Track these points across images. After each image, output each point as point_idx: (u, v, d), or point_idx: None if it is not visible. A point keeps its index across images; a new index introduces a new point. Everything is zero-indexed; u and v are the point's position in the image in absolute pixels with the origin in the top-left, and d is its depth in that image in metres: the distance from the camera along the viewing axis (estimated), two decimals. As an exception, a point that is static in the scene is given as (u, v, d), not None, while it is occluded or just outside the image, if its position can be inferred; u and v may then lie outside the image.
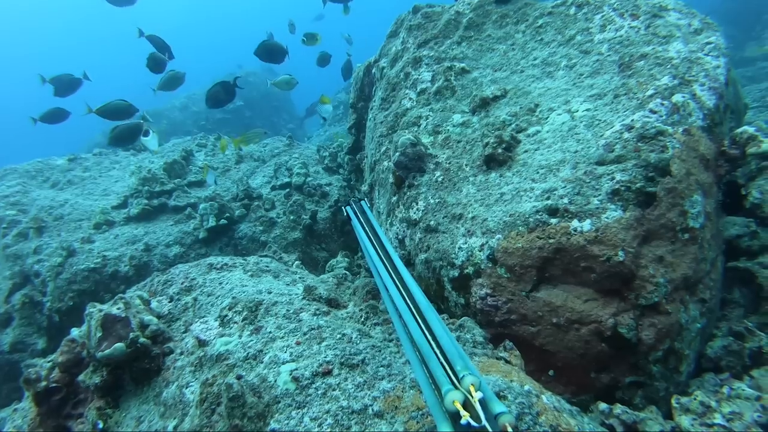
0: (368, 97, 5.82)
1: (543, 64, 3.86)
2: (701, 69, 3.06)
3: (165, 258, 5.28)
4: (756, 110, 9.82)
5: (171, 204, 6.01)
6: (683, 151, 2.66)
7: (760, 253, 3.49)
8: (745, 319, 3.20)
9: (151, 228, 5.66)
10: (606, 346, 2.48)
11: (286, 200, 5.99)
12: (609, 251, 2.40)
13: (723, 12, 17.62)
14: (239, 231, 5.56)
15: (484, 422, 1.21)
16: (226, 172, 7.06)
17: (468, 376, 1.34)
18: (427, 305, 1.73)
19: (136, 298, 2.53)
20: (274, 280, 2.87)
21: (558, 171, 2.84)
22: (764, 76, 13.29)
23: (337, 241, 5.97)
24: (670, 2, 3.65)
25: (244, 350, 2.02)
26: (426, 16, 4.92)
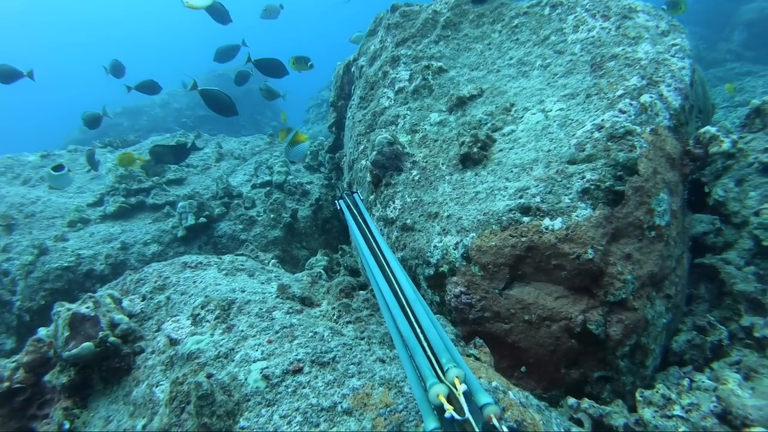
0: (348, 95, 5.82)
1: (519, 64, 3.91)
2: (668, 70, 3.13)
3: (142, 256, 5.22)
4: (725, 110, 10.05)
5: (149, 202, 5.94)
6: (650, 150, 2.73)
7: (723, 250, 3.59)
8: (709, 313, 3.30)
9: (128, 226, 5.59)
10: (576, 342, 2.54)
11: (266, 198, 5.97)
12: (579, 249, 2.45)
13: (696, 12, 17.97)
14: (219, 229, 5.53)
15: (467, 415, 1.21)
16: (206, 170, 7.01)
17: (453, 369, 1.35)
18: (415, 298, 1.76)
19: (107, 296, 2.51)
20: (249, 278, 2.88)
21: (531, 170, 2.88)
22: (734, 76, 13.59)
23: (318, 239, 5.97)
24: (639, 4, 3.73)
25: (216, 349, 2.02)
26: (404, 14, 4.94)
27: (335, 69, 6.34)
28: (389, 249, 2.24)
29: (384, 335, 2.22)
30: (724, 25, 16.27)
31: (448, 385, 1.31)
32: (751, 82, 12.49)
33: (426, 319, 1.63)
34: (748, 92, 11.51)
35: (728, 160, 3.69)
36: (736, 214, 3.58)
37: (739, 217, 3.57)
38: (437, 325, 1.62)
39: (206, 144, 7.76)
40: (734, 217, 3.59)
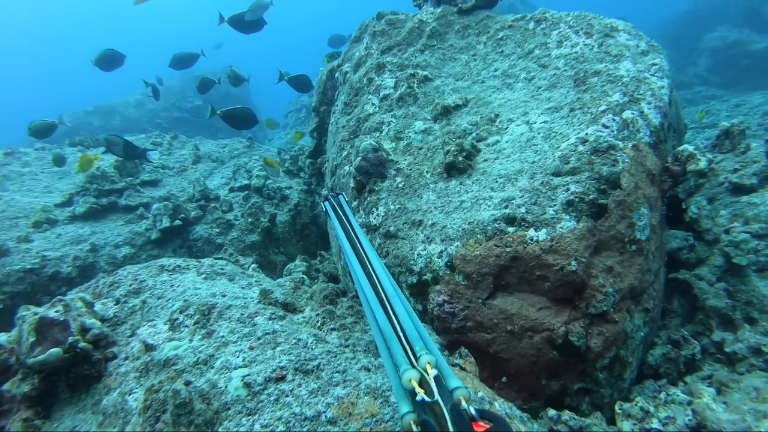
0: (331, 100, 5.79)
1: (503, 76, 3.95)
2: (648, 88, 3.21)
3: (113, 259, 5.05)
4: (693, 131, 10.42)
5: (122, 203, 5.76)
6: (632, 165, 2.78)
7: (696, 266, 3.69)
8: (683, 328, 3.37)
9: (99, 228, 5.40)
10: (557, 354, 2.55)
11: (244, 202, 5.87)
12: (563, 261, 2.47)
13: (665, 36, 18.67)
14: (194, 232, 5.40)
15: (436, 397, 1.29)
16: (182, 171, 6.86)
17: (425, 356, 1.45)
18: (393, 292, 1.85)
19: (78, 300, 2.39)
20: (229, 283, 2.80)
21: (516, 180, 2.90)
22: (701, 99, 14.16)
23: (296, 245, 5.90)
24: (620, 23, 3.83)
25: (195, 355, 1.95)
26: (390, 22, 4.95)
27: (318, 74, 6.30)
28: (371, 247, 2.32)
29: (369, 343, 2.19)
30: (691, 51, 16.95)
31: (420, 371, 1.40)
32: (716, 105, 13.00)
33: (402, 311, 1.72)
34: (713, 114, 11.96)
35: (700, 179, 3.80)
36: (708, 231, 3.69)
37: (711, 234, 3.67)
38: (413, 316, 1.72)
39: (183, 146, 7.60)
40: (706, 234, 3.69)
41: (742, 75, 15.07)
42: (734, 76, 15.24)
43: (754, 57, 15.03)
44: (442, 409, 1.26)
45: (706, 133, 10.03)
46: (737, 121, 4.41)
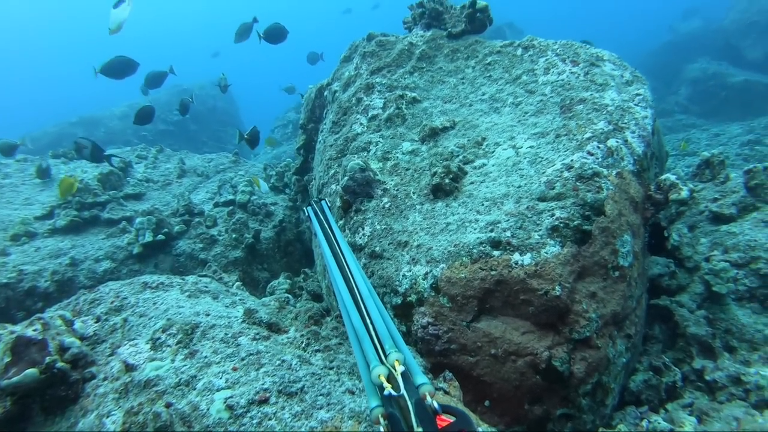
0: (319, 118, 5.82)
1: (491, 100, 4.01)
2: (632, 118, 3.28)
3: (93, 274, 4.94)
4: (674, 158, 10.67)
5: (104, 216, 5.66)
6: (616, 192, 2.83)
7: (677, 292, 3.74)
8: (663, 354, 3.40)
9: (80, 241, 5.29)
10: (540, 379, 2.55)
11: (228, 218, 5.82)
12: (547, 285, 2.49)
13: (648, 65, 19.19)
14: (177, 248, 5.32)
15: (402, 391, 1.38)
16: (166, 185, 6.79)
17: (393, 353, 1.54)
18: (368, 294, 1.95)
19: (57, 318, 2.32)
20: (213, 301, 2.75)
21: (502, 204, 2.93)
22: (681, 127, 14.54)
23: (280, 261, 5.85)
24: (606, 53, 3.92)
25: (176, 376, 1.90)
26: (380, 44, 5.01)
27: (306, 91, 6.33)
28: (350, 251, 2.43)
29: (353, 365, 2.17)
30: (673, 80, 17.44)
31: (388, 367, 1.49)
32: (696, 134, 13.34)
33: (375, 312, 1.83)
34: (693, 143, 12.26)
35: (681, 207, 3.87)
36: (688, 259, 3.75)
37: (691, 261, 3.73)
38: (385, 317, 1.83)
39: (168, 159, 7.54)
40: (687, 262, 3.75)
41: (720, 105, 15.53)
42: (713, 106, 15.69)
43: (732, 89, 15.50)
44: (407, 403, 1.34)
45: (686, 161, 10.27)
46: (717, 151, 4.53)
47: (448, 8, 5.04)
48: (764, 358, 3.02)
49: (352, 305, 1.91)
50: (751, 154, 9.67)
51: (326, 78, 5.71)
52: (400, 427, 1.31)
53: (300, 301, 3.77)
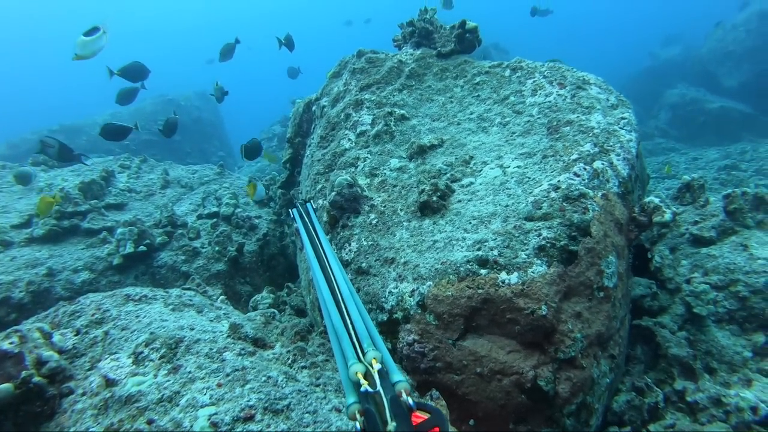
0: (306, 133, 5.82)
1: (479, 119, 4.06)
2: (617, 141, 3.34)
3: (71, 285, 4.82)
4: (654, 180, 10.89)
5: (84, 226, 5.54)
6: (602, 214, 2.87)
7: (659, 313, 3.78)
8: (645, 375, 3.43)
9: (58, 251, 5.17)
10: (525, 398, 2.55)
11: (212, 230, 5.75)
12: (533, 305, 2.50)
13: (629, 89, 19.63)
14: (159, 259, 5.23)
15: (378, 388, 1.41)
16: (149, 196, 6.69)
17: (371, 351, 1.58)
18: (348, 294, 1.99)
19: (35, 330, 2.24)
20: (198, 315, 2.70)
21: (489, 223, 2.95)
22: (661, 150, 14.89)
23: (263, 275, 5.78)
24: (592, 77, 4.01)
25: (159, 391, 1.85)
26: (370, 61, 5.05)
27: (294, 106, 6.34)
28: (333, 253, 2.48)
29: (340, 383, 2.14)
30: (653, 104, 17.87)
31: (365, 365, 1.52)
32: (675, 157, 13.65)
33: (355, 312, 1.87)
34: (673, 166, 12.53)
35: (663, 229, 3.94)
36: (670, 281, 3.80)
37: (672, 283, 3.79)
38: (365, 317, 1.87)
39: (152, 169, 7.45)
40: (668, 283, 3.80)
41: (698, 130, 15.94)
42: (692, 131, 16.10)
43: (709, 115, 15.93)
44: (383, 399, 1.37)
45: (665, 183, 10.48)
46: (697, 175, 4.63)
47: (437, 28, 5.11)
48: (743, 380, 3.06)
49: (333, 305, 1.95)
50: (728, 179, 9.92)
51: (314, 93, 5.73)
52: (375, 423, 1.34)
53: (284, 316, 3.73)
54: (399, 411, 1.33)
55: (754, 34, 16.30)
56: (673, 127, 16.73)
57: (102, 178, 6.56)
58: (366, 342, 1.65)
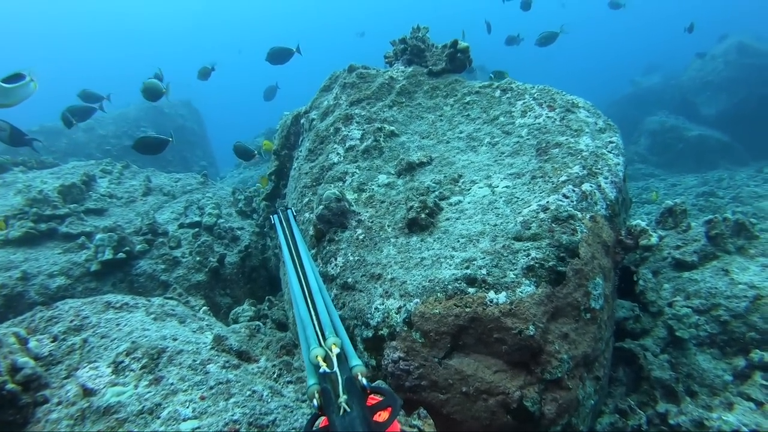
0: (293, 145, 5.79)
1: (468, 138, 4.08)
2: (605, 164, 3.39)
3: (45, 289, 4.67)
4: (634, 205, 11.08)
5: (62, 230, 5.40)
6: (590, 236, 2.89)
7: (641, 336, 3.81)
8: (628, 397, 3.43)
9: (34, 255, 5.02)
10: (510, 418, 2.52)
11: (193, 240, 5.65)
12: (521, 325, 2.48)
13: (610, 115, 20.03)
14: (138, 267, 5.11)
15: (335, 368, 1.53)
16: (131, 203, 6.56)
17: (331, 338, 1.71)
18: (317, 289, 2.12)
19: (11, 335, 2.15)
20: (180, 325, 2.62)
21: (478, 242, 2.94)
22: (641, 176, 15.20)
23: (243, 287, 5.69)
24: (581, 101, 4.07)
25: (140, 403, 1.79)
26: (361, 76, 5.07)
27: (282, 118, 6.31)
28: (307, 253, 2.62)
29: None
30: (633, 130, 18.26)
31: (325, 349, 1.64)
32: (654, 183, 13.94)
33: (321, 304, 1.99)
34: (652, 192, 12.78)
35: (645, 252, 3.99)
36: (652, 304, 3.84)
37: (655, 306, 3.82)
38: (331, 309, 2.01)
39: (134, 176, 7.33)
40: (651, 306, 3.84)
41: (677, 157, 16.33)
42: (670, 157, 16.49)
43: (687, 142, 16.35)
44: (338, 377, 1.48)
45: (645, 208, 10.67)
46: (680, 201, 4.71)
47: (429, 46, 5.16)
48: (725, 404, 3.08)
49: (301, 297, 2.07)
50: (706, 205, 10.13)
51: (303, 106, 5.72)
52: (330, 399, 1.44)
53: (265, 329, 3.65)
54: (352, 388, 1.45)
55: (732, 66, 16.86)
56: (653, 154, 17.10)
57: (82, 182, 6.42)
58: (328, 330, 1.77)
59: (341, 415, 1.35)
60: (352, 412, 1.35)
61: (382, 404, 1.42)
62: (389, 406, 1.41)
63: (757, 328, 3.43)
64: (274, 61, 8.03)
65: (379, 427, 1.34)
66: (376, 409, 1.40)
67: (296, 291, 2.15)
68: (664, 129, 17.17)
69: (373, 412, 1.39)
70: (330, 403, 1.41)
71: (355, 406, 1.37)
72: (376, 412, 1.39)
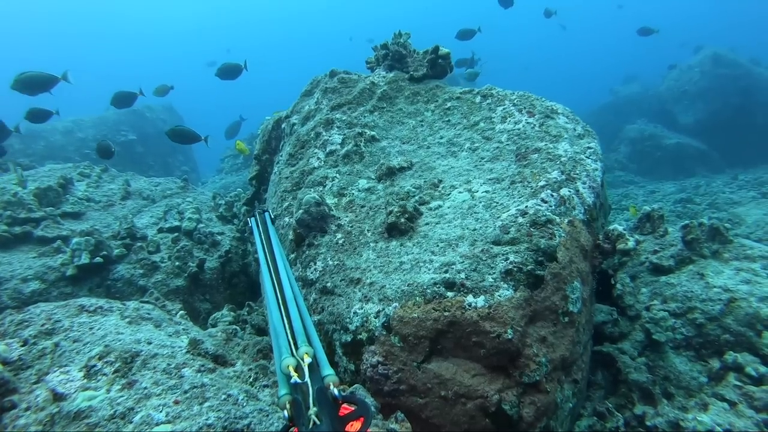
0: (274, 150, 5.76)
1: (448, 144, 4.10)
2: (583, 169, 3.43)
3: (19, 294, 4.56)
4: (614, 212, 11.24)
5: (37, 234, 5.28)
6: (568, 240, 2.91)
7: (620, 340, 3.84)
8: (606, 400, 3.46)
9: (7, 258, 4.90)
10: (489, 422, 2.52)
11: (173, 245, 5.57)
12: (499, 328, 2.49)
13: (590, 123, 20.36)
14: (115, 272, 5.01)
15: (306, 379, 1.51)
16: (109, 206, 6.45)
17: (303, 347, 1.69)
18: (291, 297, 2.11)
19: None
20: (156, 329, 2.57)
21: (457, 246, 2.95)
22: (621, 183, 15.45)
23: (223, 293, 5.62)
24: (560, 107, 4.12)
25: (112, 407, 1.75)
26: (342, 81, 5.07)
27: (263, 122, 6.28)
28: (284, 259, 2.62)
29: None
30: (613, 138, 18.56)
31: (296, 359, 1.62)
32: (634, 190, 14.15)
33: (295, 312, 1.99)
34: (631, 198, 12.98)
35: (624, 257, 4.03)
36: (630, 308, 3.88)
37: (633, 310, 3.87)
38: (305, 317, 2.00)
39: (113, 179, 7.22)
40: (629, 310, 3.88)
41: (655, 165, 16.63)
42: (649, 165, 16.79)
43: (665, 150, 16.67)
44: (309, 389, 1.47)
45: (624, 215, 10.82)
46: (657, 206, 4.79)
47: (411, 52, 5.19)
48: (700, 405, 3.12)
49: (275, 304, 2.06)
50: (684, 212, 10.32)
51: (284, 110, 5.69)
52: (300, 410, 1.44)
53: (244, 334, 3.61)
54: (323, 399, 1.44)
55: (708, 76, 17.26)
56: (632, 161, 17.40)
57: (59, 185, 6.29)
58: (301, 339, 1.75)
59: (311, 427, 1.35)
60: (322, 425, 1.35)
61: (354, 414, 1.40)
62: (361, 416, 1.39)
63: (731, 330, 3.49)
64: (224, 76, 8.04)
65: None
66: (347, 419, 1.39)
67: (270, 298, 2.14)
68: (643, 137, 17.48)
69: (345, 423, 1.38)
70: (300, 415, 1.41)
71: (324, 418, 1.37)
72: (348, 422, 1.38)
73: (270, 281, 2.32)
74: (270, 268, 2.48)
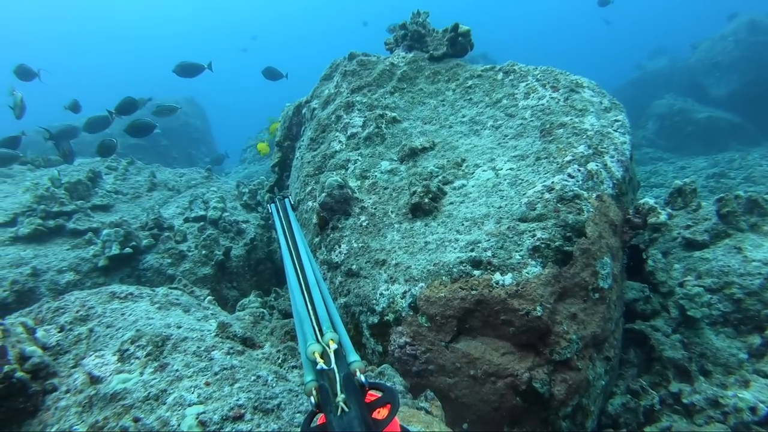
0: (295, 136, 5.76)
1: (471, 122, 4.02)
2: (611, 143, 3.32)
3: (55, 285, 4.69)
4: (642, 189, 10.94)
5: (69, 227, 5.42)
6: (596, 215, 2.83)
7: (652, 317, 3.74)
8: (639, 378, 3.38)
9: (43, 251, 5.04)
10: (520, 400, 2.49)
11: (199, 234, 5.65)
12: (528, 306, 2.44)
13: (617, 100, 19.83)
14: (145, 262, 5.11)
15: (332, 365, 1.48)
16: (136, 198, 6.57)
17: (328, 333, 1.65)
18: (314, 282, 2.07)
19: (19, 325, 2.16)
20: (185, 314, 2.61)
21: (482, 224, 2.90)
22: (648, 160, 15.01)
23: (250, 280, 5.68)
24: (585, 80, 4.00)
25: (145, 389, 1.78)
26: (361, 63, 5.02)
27: (284, 109, 6.29)
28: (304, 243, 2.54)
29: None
30: (640, 115, 18.02)
31: (322, 345, 1.59)
32: (663, 166, 13.74)
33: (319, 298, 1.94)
34: (661, 175, 12.61)
35: (655, 233, 3.92)
36: (663, 284, 3.77)
37: (665, 286, 3.75)
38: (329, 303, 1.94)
39: (139, 172, 7.34)
40: (662, 287, 3.77)
41: (686, 140, 16.09)
42: (679, 140, 16.25)
43: (696, 125, 16.09)
44: (336, 375, 1.44)
45: (654, 192, 10.54)
46: (689, 180, 4.63)
47: (430, 31, 5.10)
48: (740, 382, 3.02)
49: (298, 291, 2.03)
50: (717, 186, 9.98)
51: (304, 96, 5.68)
52: (328, 397, 1.41)
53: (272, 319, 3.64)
54: (350, 385, 1.41)
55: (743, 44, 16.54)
56: (661, 137, 16.87)
57: (88, 178, 6.45)
58: (326, 325, 1.72)
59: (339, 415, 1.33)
60: (351, 412, 1.33)
61: (381, 401, 1.39)
62: (388, 403, 1.38)
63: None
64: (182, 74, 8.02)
65: (377, 425, 1.32)
66: (374, 406, 1.37)
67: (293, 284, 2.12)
68: (672, 112, 16.91)
69: (372, 410, 1.36)
70: (328, 402, 1.39)
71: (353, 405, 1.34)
72: (374, 409, 1.37)
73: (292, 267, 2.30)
74: (292, 254, 2.45)
